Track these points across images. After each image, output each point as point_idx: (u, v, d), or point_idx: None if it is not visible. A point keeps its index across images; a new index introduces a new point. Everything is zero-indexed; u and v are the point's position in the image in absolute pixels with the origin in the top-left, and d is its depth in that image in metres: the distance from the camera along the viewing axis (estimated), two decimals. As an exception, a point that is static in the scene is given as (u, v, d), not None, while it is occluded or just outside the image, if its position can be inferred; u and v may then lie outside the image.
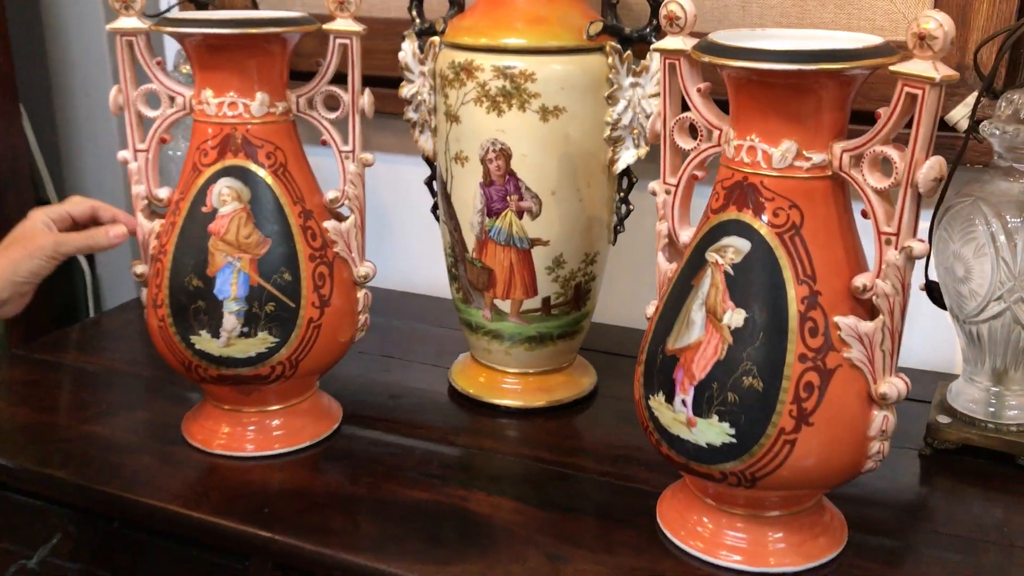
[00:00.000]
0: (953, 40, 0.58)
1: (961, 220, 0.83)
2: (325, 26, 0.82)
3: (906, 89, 0.60)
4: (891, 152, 0.61)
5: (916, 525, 0.79)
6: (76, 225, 0.86)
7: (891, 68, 0.60)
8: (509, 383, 1.00)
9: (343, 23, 0.82)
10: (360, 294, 0.90)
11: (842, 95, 0.63)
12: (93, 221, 0.87)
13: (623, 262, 1.11)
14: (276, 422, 0.90)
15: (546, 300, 0.94)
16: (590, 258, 0.95)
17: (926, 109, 0.59)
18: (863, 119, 0.66)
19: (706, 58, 0.64)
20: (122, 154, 0.86)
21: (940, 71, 0.58)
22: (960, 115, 0.86)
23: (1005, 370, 0.87)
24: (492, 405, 0.99)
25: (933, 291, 0.88)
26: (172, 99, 0.84)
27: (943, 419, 0.88)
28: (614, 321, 1.17)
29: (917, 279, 0.87)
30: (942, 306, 0.88)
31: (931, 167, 0.60)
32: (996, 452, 0.87)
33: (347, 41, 0.82)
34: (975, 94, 0.82)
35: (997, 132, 0.81)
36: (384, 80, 1.08)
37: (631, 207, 0.96)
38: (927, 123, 0.59)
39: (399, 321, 1.21)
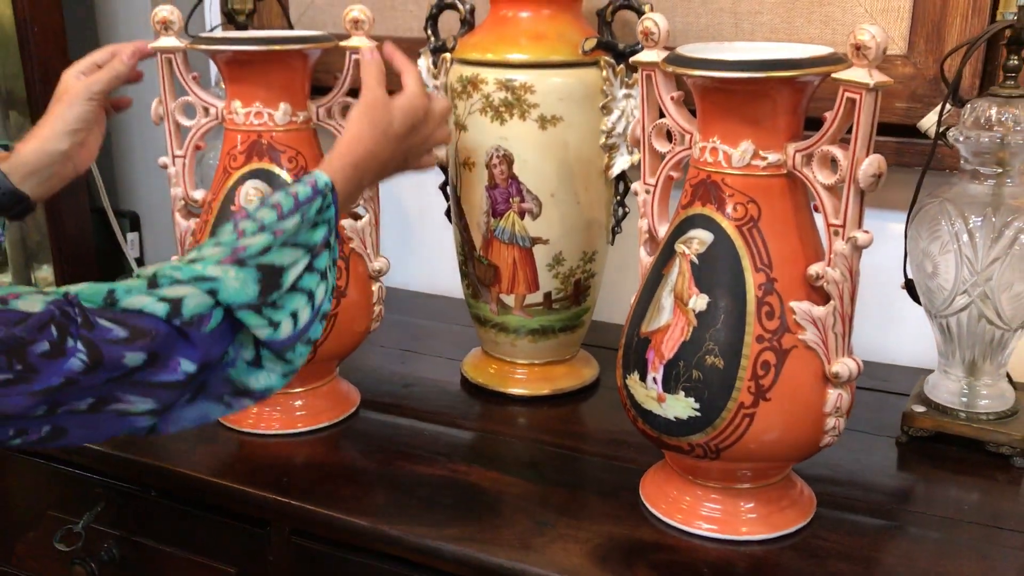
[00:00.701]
0: (885, 50, 0.64)
1: (929, 220, 0.88)
2: (342, 43, 0.91)
3: (846, 94, 0.66)
4: (836, 151, 0.68)
5: (897, 506, 0.84)
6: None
7: (832, 75, 0.66)
8: (517, 373, 1.07)
9: (358, 40, 0.91)
10: (375, 287, 0.98)
11: (795, 100, 0.70)
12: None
13: (625, 263, 1.18)
14: (299, 403, 0.98)
15: (547, 295, 1.02)
16: (588, 256, 1.02)
17: (864, 112, 0.65)
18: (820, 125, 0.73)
19: (670, 68, 0.71)
20: (162, 159, 0.96)
21: (874, 77, 0.64)
22: (930, 122, 0.92)
23: (976, 362, 0.92)
24: (500, 393, 1.06)
25: (911, 288, 0.94)
26: (206, 110, 0.93)
27: (919, 408, 0.94)
28: (617, 319, 1.24)
29: (898, 279, 0.94)
30: (918, 301, 0.94)
31: (870, 164, 0.67)
32: (968, 439, 0.92)
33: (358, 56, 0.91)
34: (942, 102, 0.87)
35: (962, 138, 0.86)
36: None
37: (627, 209, 1.04)
38: (865, 124, 0.66)
39: (418, 319, 1.29)
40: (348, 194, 0.76)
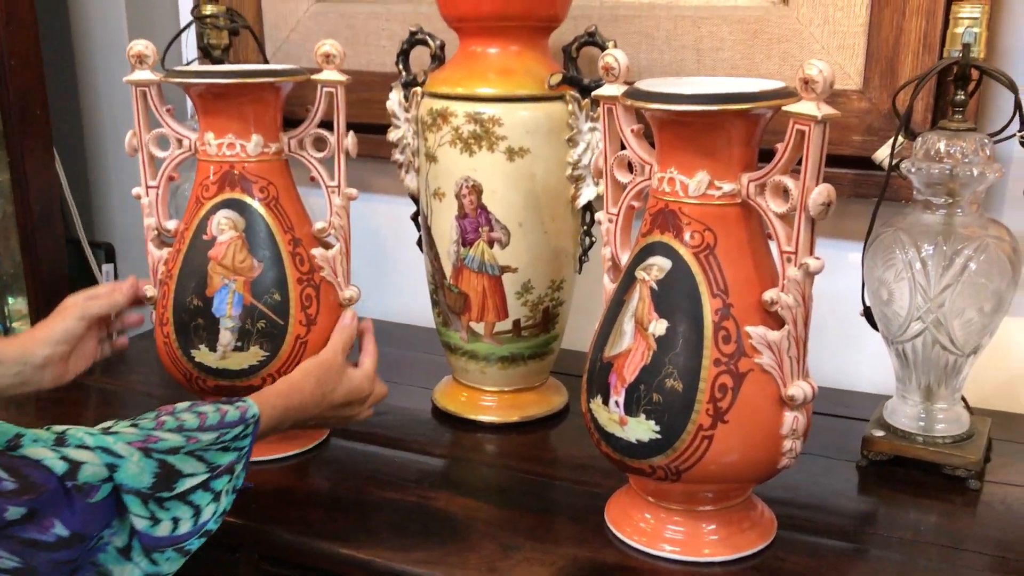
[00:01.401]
0: (832, 84, 0.67)
1: (884, 248, 0.91)
2: (313, 76, 0.93)
3: (796, 126, 0.69)
4: (787, 181, 0.71)
5: (857, 528, 0.86)
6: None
7: (783, 108, 0.69)
8: (486, 400, 1.09)
9: (329, 74, 0.93)
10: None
11: (748, 132, 0.73)
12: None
13: (593, 291, 1.20)
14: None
15: (516, 322, 1.04)
16: (556, 284, 1.04)
17: (812, 143, 0.68)
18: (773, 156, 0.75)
19: (629, 102, 0.74)
20: (136, 190, 0.98)
21: (822, 110, 0.67)
22: (884, 155, 0.95)
23: (931, 387, 0.94)
24: (470, 421, 1.08)
25: (869, 315, 0.97)
26: (180, 141, 0.95)
27: (878, 432, 0.96)
28: (586, 347, 1.26)
29: (857, 306, 0.96)
30: (876, 328, 0.96)
31: (819, 193, 0.69)
32: (926, 463, 0.94)
33: (332, 90, 0.94)
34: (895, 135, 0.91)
35: (914, 170, 0.90)
36: (380, 127, 1.19)
37: (593, 239, 1.06)
38: (814, 155, 0.68)
39: (390, 348, 1.30)
40: (267, 429, 0.80)
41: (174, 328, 0.94)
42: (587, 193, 1.02)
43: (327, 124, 0.96)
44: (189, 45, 1.41)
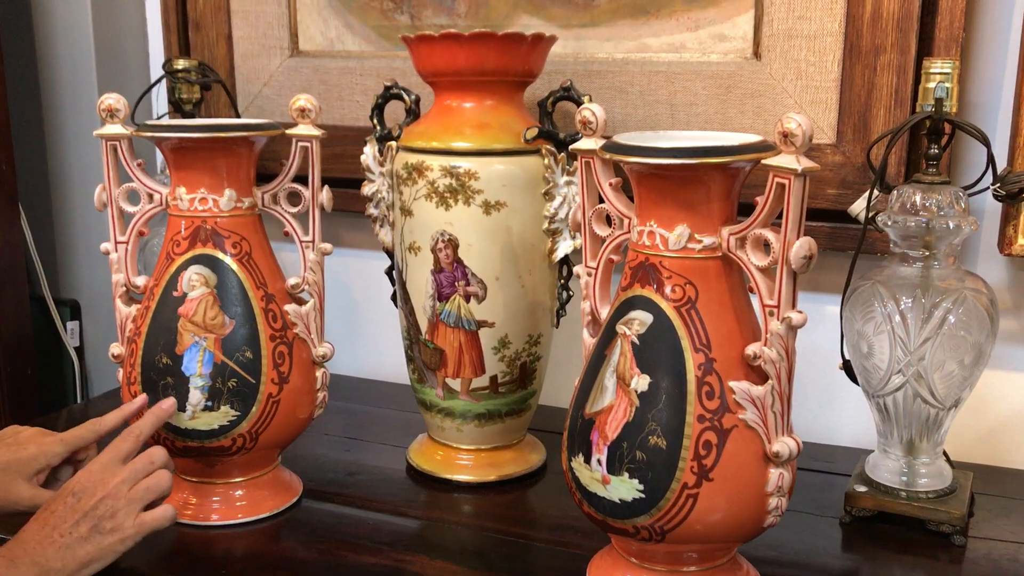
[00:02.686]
0: (811, 138, 0.67)
1: (862, 301, 0.91)
2: (288, 131, 0.92)
3: (776, 179, 0.69)
4: (768, 235, 0.70)
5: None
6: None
7: (762, 162, 0.69)
8: (462, 459, 1.06)
9: (304, 128, 0.92)
10: (319, 373, 0.97)
11: (727, 186, 0.72)
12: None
13: (571, 346, 1.19)
14: (239, 492, 0.96)
15: (494, 378, 1.02)
16: (534, 339, 1.03)
17: (793, 196, 0.68)
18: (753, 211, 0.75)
19: (608, 155, 0.73)
20: (104, 245, 0.95)
21: (802, 163, 0.67)
22: (859, 208, 0.95)
23: (913, 441, 0.93)
24: (446, 480, 1.05)
25: (848, 369, 0.96)
26: (151, 196, 0.94)
27: (860, 488, 0.95)
28: (564, 403, 1.24)
29: (837, 360, 0.96)
30: (856, 382, 0.96)
31: (801, 246, 0.69)
32: (910, 518, 0.93)
33: (308, 144, 0.93)
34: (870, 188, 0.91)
35: (890, 223, 0.90)
36: (354, 182, 1.18)
37: (571, 293, 1.05)
38: (795, 208, 0.68)
39: (364, 406, 1.28)
40: None
41: (142, 387, 0.91)
42: (564, 247, 1.01)
43: (301, 179, 0.95)
44: (160, 99, 1.40)
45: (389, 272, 1.11)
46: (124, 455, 0.82)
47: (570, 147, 0.81)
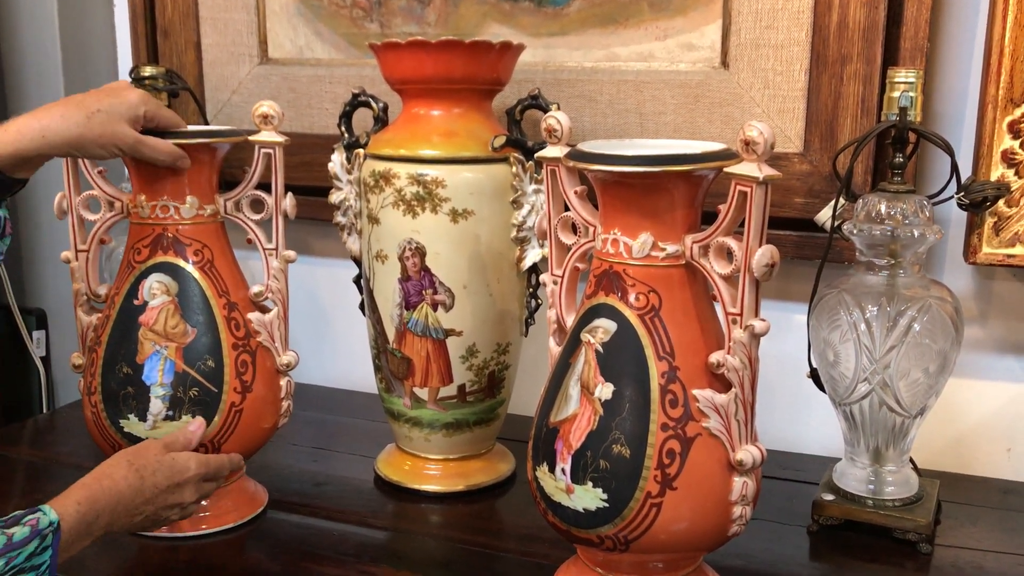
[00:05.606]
0: (773, 145, 0.67)
1: (828, 310, 0.91)
2: (251, 137, 0.92)
3: (738, 187, 0.69)
4: (731, 243, 0.70)
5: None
6: None
7: (725, 170, 0.69)
8: (431, 469, 1.06)
9: (267, 135, 0.91)
10: (283, 381, 0.96)
11: (691, 194, 0.72)
12: None
13: (540, 355, 1.18)
14: (204, 503, 0.94)
15: (461, 387, 1.01)
16: (502, 348, 1.02)
17: (755, 204, 0.68)
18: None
19: (571, 163, 0.73)
20: (65, 254, 0.94)
21: (763, 171, 0.67)
22: (825, 216, 0.95)
23: (880, 449, 0.93)
24: (414, 490, 1.04)
25: (816, 377, 0.96)
26: (111, 203, 0.92)
27: (828, 496, 0.95)
28: (533, 412, 1.23)
29: (804, 368, 0.96)
30: (823, 390, 0.96)
31: (763, 254, 0.68)
32: (877, 527, 0.93)
33: (271, 151, 0.92)
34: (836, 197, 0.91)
35: (856, 231, 0.90)
36: (322, 190, 1.18)
37: (539, 301, 1.04)
38: (757, 216, 0.68)
39: (331, 415, 1.27)
40: (75, 535, 0.71)
41: (102, 397, 0.89)
42: (532, 255, 1.01)
43: (265, 186, 0.94)
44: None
45: (357, 280, 1.11)
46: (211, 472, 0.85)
47: (536, 155, 0.81)
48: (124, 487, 0.76)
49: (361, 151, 1.03)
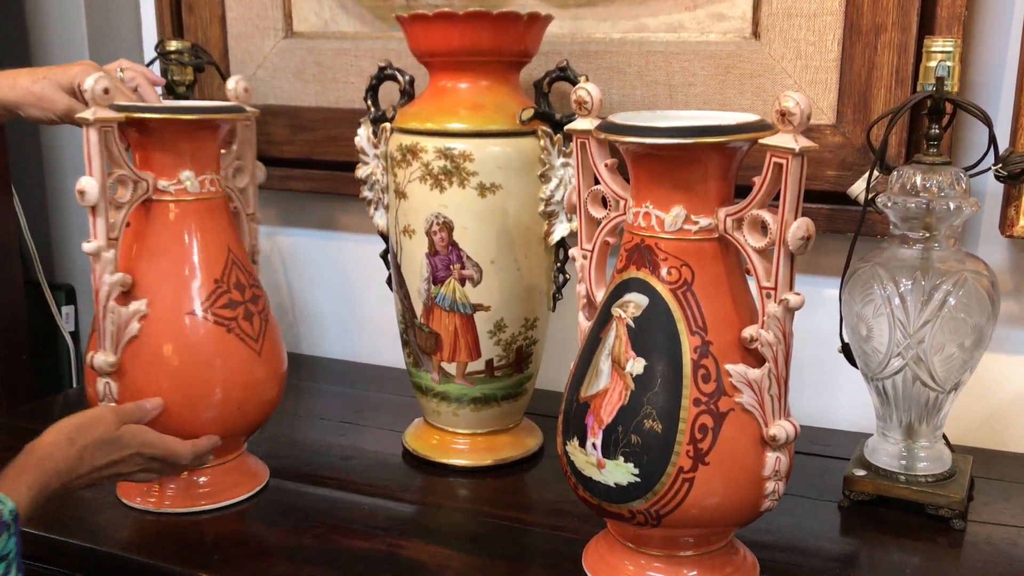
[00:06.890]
0: (809, 116, 0.66)
1: (862, 284, 0.90)
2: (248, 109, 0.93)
3: (773, 159, 0.67)
4: (766, 215, 0.69)
5: (840, 571, 0.83)
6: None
7: (760, 141, 0.68)
8: (459, 444, 1.06)
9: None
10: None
11: (724, 166, 0.71)
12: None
13: (567, 330, 1.18)
14: (203, 479, 0.96)
15: (489, 362, 1.01)
16: (530, 323, 1.02)
17: (791, 176, 0.67)
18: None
19: (603, 135, 0.72)
20: (91, 245, 0.89)
21: (800, 143, 0.66)
22: (859, 189, 0.94)
23: (912, 425, 0.92)
24: (442, 464, 1.04)
25: (847, 352, 0.95)
26: (135, 184, 0.91)
27: (859, 472, 0.94)
28: (560, 387, 1.23)
29: (835, 343, 0.95)
30: (855, 365, 0.95)
31: (798, 227, 0.67)
32: (909, 502, 0.92)
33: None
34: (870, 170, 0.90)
35: (890, 204, 0.89)
36: (348, 164, 1.17)
37: (567, 276, 1.04)
38: (793, 188, 0.67)
39: (360, 390, 1.27)
40: (32, 513, 0.73)
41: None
42: (560, 229, 1.00)
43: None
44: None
45: (384, 255, 1.10)
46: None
47: (565, 127, 0.80)
48: (65, 468, 0.77)
49: (388, 125, 1.02)
